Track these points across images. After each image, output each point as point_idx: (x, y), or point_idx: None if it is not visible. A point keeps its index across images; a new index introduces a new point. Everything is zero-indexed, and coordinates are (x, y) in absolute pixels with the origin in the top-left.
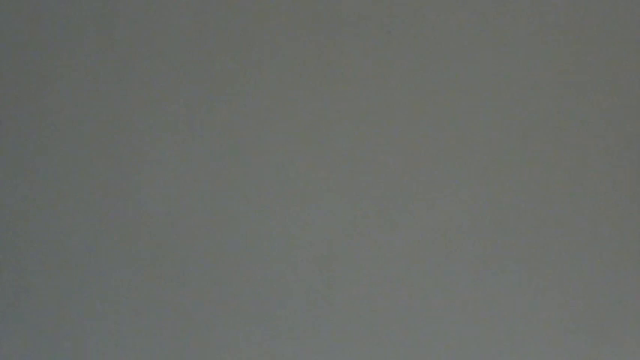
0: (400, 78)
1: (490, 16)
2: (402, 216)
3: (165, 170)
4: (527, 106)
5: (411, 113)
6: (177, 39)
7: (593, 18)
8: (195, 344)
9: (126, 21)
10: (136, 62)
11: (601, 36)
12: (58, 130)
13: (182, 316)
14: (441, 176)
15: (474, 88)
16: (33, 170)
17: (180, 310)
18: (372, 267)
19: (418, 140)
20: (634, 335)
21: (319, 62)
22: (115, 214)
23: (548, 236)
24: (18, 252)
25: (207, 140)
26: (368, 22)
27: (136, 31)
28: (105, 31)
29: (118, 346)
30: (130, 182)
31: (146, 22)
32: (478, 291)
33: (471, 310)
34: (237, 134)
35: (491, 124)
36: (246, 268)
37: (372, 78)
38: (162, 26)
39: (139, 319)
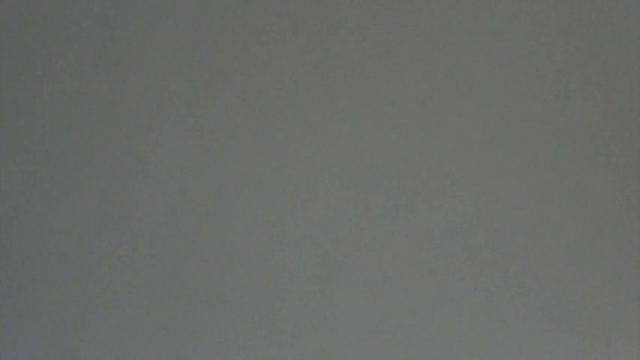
0: (401, 78)
1: (491, 17)
2: (404, 215)
3: (165, 170)
4: (528, 107)
5: (412, 112)
6: (178, 39)
7: (593, 18)
8: (195, 344)
9: (126, 21)
10: (136, 62)
11: (601, 36)
12: (58, 130)
13: (182, 316)
14: (442, 176)
15: (475, 88)
16: (32, 169)
17: (180, 309)
18: (374, 266)
19: (420, 140)
20: (632, 336)
21: (321, 62)
22: (114, 213)
23: (549, 237)
24: (18, 252)
25: (207, 140)
26: (368, 22)
27: (136, 31)
28: (105, 31)
29: (117, 346)
30: (129, 182)
31: (146, 22)
32: (479, 290)
33: (473, 310)
34: (237, 134)
35: (493, 125)
36: (247, 269)
37: (373, 77)
38: (163, 26)
39: (138, 319)
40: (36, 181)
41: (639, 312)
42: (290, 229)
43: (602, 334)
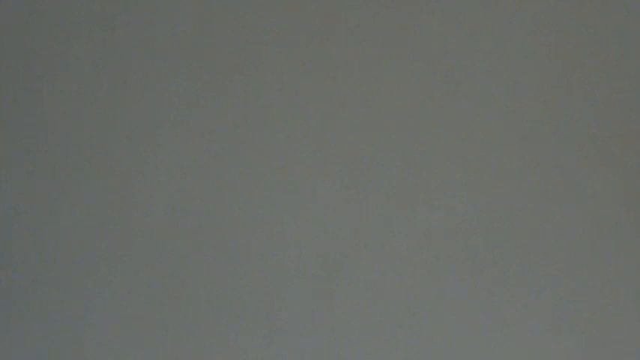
0: (401, 78)
1: (491, 17)
2: (404, 215)
3: (165, 170)
4: (528, 107)
5: (412, 113)
6: (178, 39)
7: (593, 18)
8: (195, 344)
9: (126, 21)
10: (136, 62)
11: (601, 36)
12: (58, 130)
13: (182, 316)
14: (442, 176)
15: (475, 88)
16: (32, 169)
17: (180, 309)
18: (374, 266)
19: (420, 140)
20: (632, 336)
21: (321, 62)
22: (114, 213)
23: (549, 237)
24: (18, 252)
25: (207, 140)
26: (368, 22)
27: (136, 31)
28: (105, 31)
29: (118, 346)
30: (130, 182)
31: (146, 22)
32: (479, 290)
33: (473, 310)
34: (237, 134)
35: (493, 125)
36: (247, 269)
37: (373, 77)
38: (163, 26)
39: (139, 319)
40: (36, 181)
41: (639, 312)
42: (290, 229)
43: (603, 334)
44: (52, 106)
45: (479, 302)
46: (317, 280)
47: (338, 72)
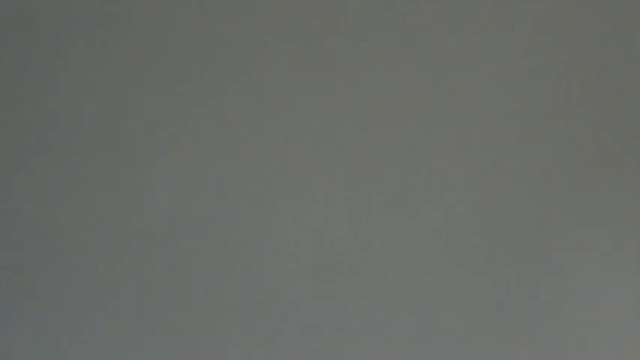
0: (402, 78)
1: (491, 17)
2: (404, 215)
3: (165, 170)
4: (528, 107)
5: (412, 113)
6: (177, 39)
7: (593, 18)
8: (195, 344)
9: (126, 21)
10: (136, 62)
11: (601, 36)
12: (58, 130)
13: (183, 317)
14: (442, 176)
15: (475, 88)
16: (32, 169)
17: (180, 310)
18: (374, 266)
19: (420, 140)
20: (631, 335)
21: (321, 62)
22: (115, 214)
23: (550, 236)
24: (18, 252)
25: (207, 139)
26: (369, 22)
27: (136, 31)
28: (105, 31)
29: (118, 347)
30: (130, 183)
31: (146, 22)
32: (480, 290)
33: (473, 310)
34: (237, 134)
35: (493, 125)
36: (247, 269)
37: (373, 78)
38: (163, 26)
39: (139, 319)
40: (36, 180)
41: (639, 312)
42: (290, 229)
43: (603, 334)
44: (52, 106)
45: (479, 302)
46: (317, 280)
47: (338, 72)
